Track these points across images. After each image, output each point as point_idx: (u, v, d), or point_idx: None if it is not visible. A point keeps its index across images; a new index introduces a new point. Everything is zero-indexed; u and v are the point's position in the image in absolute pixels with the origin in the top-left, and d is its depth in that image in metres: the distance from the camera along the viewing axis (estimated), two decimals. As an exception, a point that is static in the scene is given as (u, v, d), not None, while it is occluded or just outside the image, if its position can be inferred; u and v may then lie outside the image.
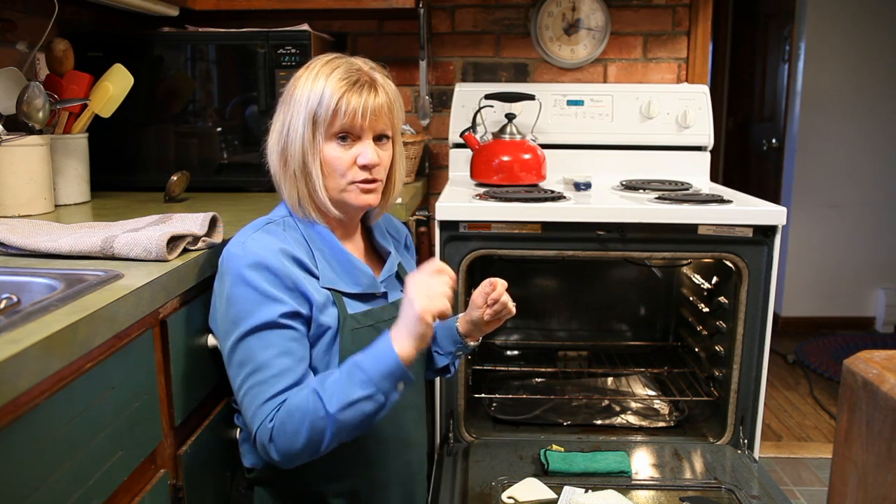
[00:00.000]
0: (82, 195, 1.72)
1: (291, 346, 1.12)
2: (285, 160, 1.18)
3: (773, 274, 1.80)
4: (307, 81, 1.16)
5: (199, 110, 1.99)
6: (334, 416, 1.04)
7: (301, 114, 1.15)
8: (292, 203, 1.21)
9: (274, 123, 1.20)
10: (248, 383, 1.10)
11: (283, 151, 1.18)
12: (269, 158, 1.21)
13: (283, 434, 1.07)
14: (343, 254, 1.22)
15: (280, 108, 1.20)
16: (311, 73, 1.17)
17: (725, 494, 1.62)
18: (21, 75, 1.65)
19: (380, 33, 2.52)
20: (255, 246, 1.13)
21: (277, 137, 1.19)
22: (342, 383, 1.06)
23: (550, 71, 2.54)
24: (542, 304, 2.50)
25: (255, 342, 1.10)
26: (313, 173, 1.17)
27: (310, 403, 1.06)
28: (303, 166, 1.17)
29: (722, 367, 1.96)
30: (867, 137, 4.01)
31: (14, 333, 0.77)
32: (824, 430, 2.87)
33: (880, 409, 0.65)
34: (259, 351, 1.10)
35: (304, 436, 1.06)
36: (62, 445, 0.83)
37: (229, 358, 1.13)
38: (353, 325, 1.19)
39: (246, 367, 1.10)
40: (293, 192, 1.19)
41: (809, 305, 4.15)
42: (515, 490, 1.58)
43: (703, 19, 2.49)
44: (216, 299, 1.17)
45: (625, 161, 2.34)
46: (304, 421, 1.05)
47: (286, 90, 1.20)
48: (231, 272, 1.12)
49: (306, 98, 1.15)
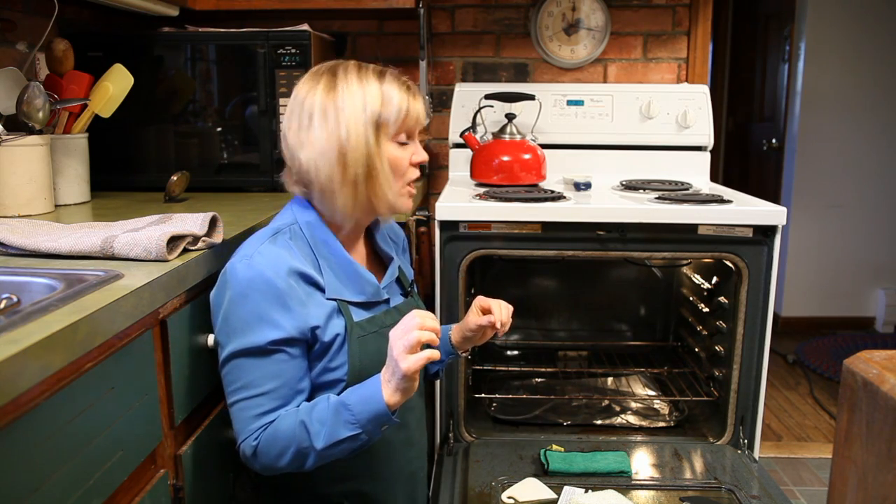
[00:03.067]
0: (82, 195, 1.72)
1: (281, 369, 1.13)
2: (344, 165, 1.16)
3: (773, 274, 1.80)
4: (357, 87, 1.17)
5: (199, 110, 1.99)
6: (319, 451, 1.10)
7: (361, 118, 1.16)
8: (344, 210, 1.19)
9: (311, 133, 1.17)
10: (235, 397, 1.14)
11: (343, 157, 1.16)
12: (316, 166, 1.17)
13: (266, 454, 1.12)
14: (350, 264, 1.23)
15: (318, 118, 1.17)
16: (355, 79, 1.18)
17: (725, 494, 1.62)
18: (21, 75, 1.65)
19: (380, 33, 2.52)
20: (262, 262, 1.13)
21: (330, 145, 1.16)
22: (330, 421, 1.10)
23: (550, 71, 2.54)
24: (542, 304, 2.50)
25: (245, 361, 1.12)
26: (381, 175, 1.18)
27: (296, 433, 1.10)
28: (368, 170, 1.17)
29: (722, 367, 1.96)
30: (867, 137, 4.01)
31: (14, 333, 0.77)
32: (824, 430, 2.87)
33: (880, 409, 0.65)
34: (248, 370, 1.12)
35: (288, 459, 1.11)
36: (62, 445, 0.83)
37: (221, 366, 1.16)
38: (359, 332, 1.21)
39: (235, 383, 1.13)
40: (349, 198, 1.18)
41: (809, 305, 4.15)
42: (515, 490, 1.58)
43: (703, 19, 2.49)
44: (215, 308, 1.16)
45: (625, 161, 2.34)
46: (290, 447, 1.10)
47: (318, 99, 1.17)
48: (233, 287, 1.12)
49: (363, 103, 1.17)
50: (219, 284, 1.16)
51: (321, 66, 1.24)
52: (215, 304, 1.16)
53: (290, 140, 1.20)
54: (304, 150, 1.18)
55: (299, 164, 1.19)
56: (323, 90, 1.18)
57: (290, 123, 1.21)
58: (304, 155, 1.18)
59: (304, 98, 1.19)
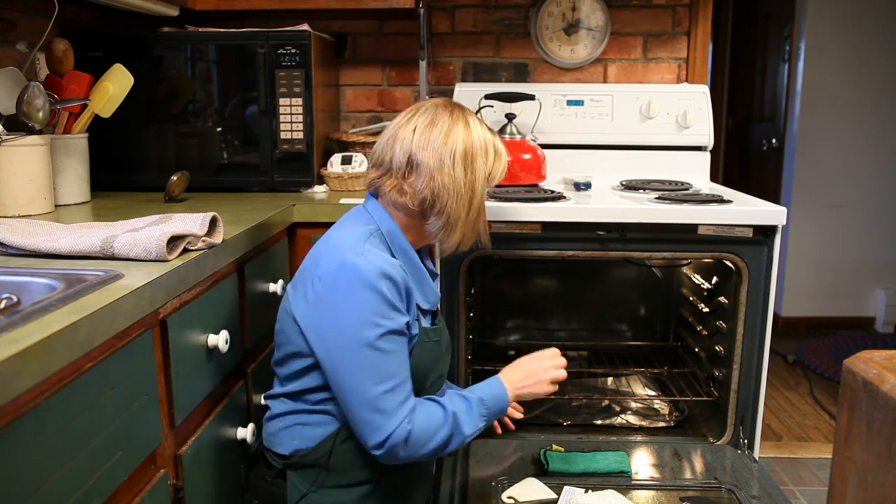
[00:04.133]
0: (82, 195, 1.72)
1: (406, 356, 1.25)
2: (469, 208, 1.31)
3: (773, 274, 1.80)
4: (484, 152, 1.32)
5: (199, 110, 1.99)
6: (465, 437, 1.28)
7: (482, 175, 1.32)
8: (454, 241, 1.33)
9: (453, 172, 1.28)
10: (381, 387, 1.19)
11: (471, 202, 1.31)
12: (448, 203, 1.29)
13: (418, 439, 1.22)
14: (423, 271, 1.35)
15: (459, 162, 1.29)
16: (485, 142, 1.33)
17: (725, 494, 1.62)
18: (21, 75, 1.65)
19: (380, 33, 2.52)
20: (377, 258, 1.21)
21: (466, 190, 1.30)
22: (471, 413, 1.29)
23: (550, 71, 2.54)
24: (542, 304, 2.50)
25: (386, 345, 1.20)
26: (482, 217, 1.37)
27: (447, 419, 1.25)
28: (478, 213, 1.35)
29: (722, 367, 1.96)
30: (867, 137, 4.01)
31: (14, 333, 0.77)
32: (824, 430, 2.87)
33: (880, 409, 0.65)
34: (386, 357, 1.20)
35: (436, 443, 1.24)
36: (62, 445, 0.83)
37: (347, 360, 1.19)
38: (424, 338, 1.32)
39: (375, 373, 1.19)
40: (458, 233, 1.33)
41: (809, 305, 4.15)
42: (515, 490, 1.58)
43: (703, 19, 2.49)
44: (322, 305, 1.21)
45: (625, 161, 2.34)
46: (440, 432, 1.24)
47: (460, 144, 1.29)
48: (358, 279, 1.19)
49: (485, 166, 1.33)
50: (329, 279, 1.20)
51: (454, 103, 1.36)
52: (324, 299, 1.20)
53: (427, 164, 1.28)
54: (438, 183, 1.28)
55: (429, 193, 1.28)
56: (463, 134, 1.30)
57: (425, 147, 1.28)
58: (437, 187, 1.28)
59: (448, 133, 1.29)
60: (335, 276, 1.20)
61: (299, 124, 1.96)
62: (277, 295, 1.63)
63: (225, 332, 1.29)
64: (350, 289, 1.18)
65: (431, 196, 1.28)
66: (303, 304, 1.24)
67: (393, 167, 1.30)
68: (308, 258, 1.30)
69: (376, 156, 1.33)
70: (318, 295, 1.21)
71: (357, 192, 2.01)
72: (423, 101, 1.37)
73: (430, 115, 1.31)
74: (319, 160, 2.06)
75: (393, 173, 1.30)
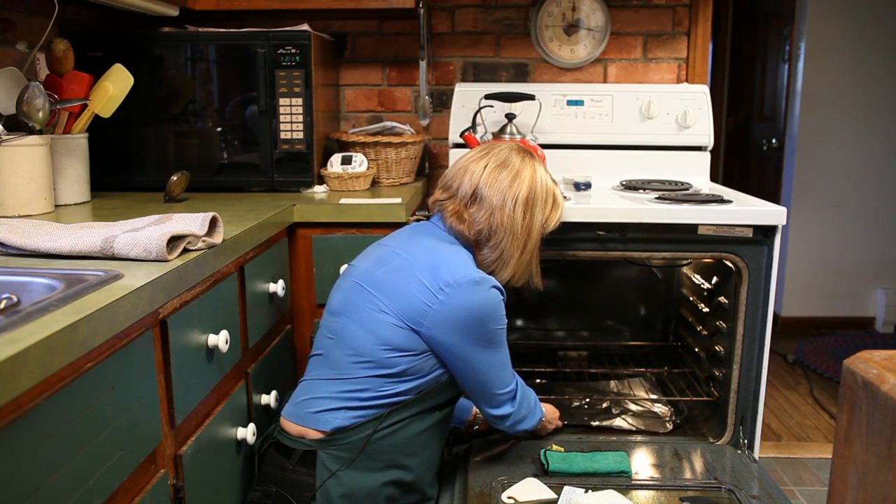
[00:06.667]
0: (82, 195, 1.72)
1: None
2: (523, 250, 1.49)
3: (773, 274, 1.80)
4: (544, 201, 1.50)
5: (199, 110, 1.99)
6: (536, 421, 1.63)
7: (539, 221, 1.50)
8: (504, 275, 1.50)
9: (513, 213, 1.45)
10: (505, 370, 1.50)
11: (525, 245, 1.49)
12: (504, 240, 1.46)
13: (522, 402, 1.56)
14: None
15: (521, 206, 1.45)
16: (546, 192, 1.50)
17: (725, 494, 1.62)
18: (21, 75, 1.65)
19: (380, 33, 2.52)
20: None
21: (522, 232, 1.47)
22: (537, 408, 1.64)
23: (550, 71, 2.54)
24: (542, 304, 2.49)
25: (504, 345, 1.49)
26: (535, 260, 1.54)
27: (535, 400, 1.63)
28: (531, 256, 1.52)
29: (722, 367, 1.96)
30: (867, 137, 4.01)
31: (14, 333, 0.77)
32: (824, 430, 2.87)
33: (880, 409, 0.65)
34: (505, 353, 1.50)
35: (527, 409, 1.58)
36: (62, 445, 0.83)
37: (485, 352, 1.43)
38: None
39: (502, 361, 1.49)
40: (511, 270, 1.50)
41: (809, 305, 4.15)
42: (515, 490, 1.58)
43: (703, 19, 2.49)
44: (487, 320, 1.41)
45: (625, 161, 2.34)
46: (530, 402, 1.60)
47: (524, 190, 1.46)
48: (499, 304, 1.43)
49: (542, 214, 1.50)
50: (488, 306, 1.40)
51: (526, 150, 1.54)
52: (489, 317, 1.41)
53: (490, 201, 1.44)
54: (497, 220, 1.44)
55: (486, 227, 1.45)
56: (528, 181, 1.47)
57: (492, 185, 1.44)
58: (495, 223, 1.44)
59: (515, 177, 1.45)
60: (487, 305, 1.40)
61: (299, 124, 1.96)
62: (277, 295, 1.63)
63: (225, 332, 1.29)
64: (481, 310, 1.41)
65: (488, 230, 1.44)
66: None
67: (458, 194, 1.46)
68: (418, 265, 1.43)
69: (446, 180, 1.51)
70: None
71: (357, 192, 2.01)
72: (499, 140, 1.50)
73: (503, 156, 1.47)
74: (319, 160, 2.06)
75: (458, 200, 1.46)
